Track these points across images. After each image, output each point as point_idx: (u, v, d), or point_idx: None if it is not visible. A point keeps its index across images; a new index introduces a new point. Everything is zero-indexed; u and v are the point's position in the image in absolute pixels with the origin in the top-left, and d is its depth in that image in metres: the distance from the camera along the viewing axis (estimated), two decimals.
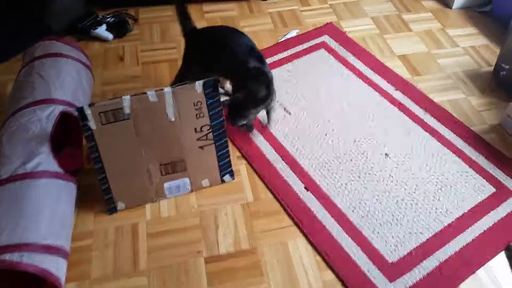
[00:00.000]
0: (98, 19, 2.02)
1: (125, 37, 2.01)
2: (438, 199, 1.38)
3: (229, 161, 1.41)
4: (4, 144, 1.22)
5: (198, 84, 1.26)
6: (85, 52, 1.62)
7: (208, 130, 1.33)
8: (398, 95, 1.71)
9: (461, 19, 2.13)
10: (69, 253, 1.19)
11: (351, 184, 1.42)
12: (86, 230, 1.31)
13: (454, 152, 1.51)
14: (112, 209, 1.34)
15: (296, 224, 1.32)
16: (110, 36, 1.98)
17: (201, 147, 1.35)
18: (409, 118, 1.63)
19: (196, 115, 1.30)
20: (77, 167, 1.39)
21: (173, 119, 1.28)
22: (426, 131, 1.58)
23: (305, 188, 1.40)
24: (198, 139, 1.33)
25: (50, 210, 1.14)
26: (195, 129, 1.31)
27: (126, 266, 1.23)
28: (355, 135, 1.57)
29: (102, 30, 1.98)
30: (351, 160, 1.49)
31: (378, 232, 1.29)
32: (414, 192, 1.40)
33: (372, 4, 2.22)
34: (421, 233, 1.29)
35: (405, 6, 2.21)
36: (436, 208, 1.35)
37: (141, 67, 1.85)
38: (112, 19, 2.04)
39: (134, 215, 1.35)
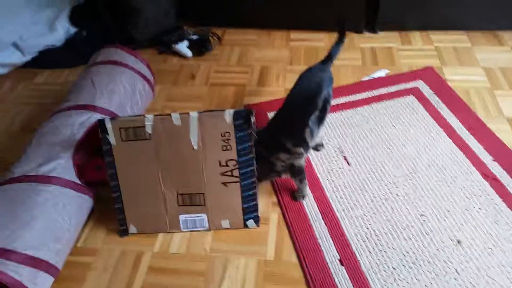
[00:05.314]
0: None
1: (204, 56, 1.96)
2: None
3: (256, 205, 1.21)
4: (32, 145, 1.21)
5: (228, 113, 1.11)
6: (149, 66, 1.58)
7: (234, 165, 1.16)
8: (494, 168, 1.33)
9: None
10: (59, 268, 1.10)
11: (400, 270, 1.10)
12: (93, 247, 1.23)
13: None
14: (123, 231, 1.24)
15: None
16: (189, 53, 1.95)
17: (225, 184, 1.18)
18: (503, 200, 1.24)
19: (223, 147, 1.14)
20: (100, 179, 1.33)
21: (196, 147, 1.14)
22: None
23: (339, 261, 1.13)
24: (222, 174, 1.17)
25: (47, 219, 1.07)
26: (219, 162, 1.16)
27: None
28: (424, 207, 1.24)
29: (182, 46, 1.96)
30: (409, 238, 1.17)
31: None
32: None
33: (488, 52, 1.83)
34: None
35: None
36: None
37: (208, 88, 1.77)
38: (196, 36, 2.01)
39: (143, 242, 1.23)
